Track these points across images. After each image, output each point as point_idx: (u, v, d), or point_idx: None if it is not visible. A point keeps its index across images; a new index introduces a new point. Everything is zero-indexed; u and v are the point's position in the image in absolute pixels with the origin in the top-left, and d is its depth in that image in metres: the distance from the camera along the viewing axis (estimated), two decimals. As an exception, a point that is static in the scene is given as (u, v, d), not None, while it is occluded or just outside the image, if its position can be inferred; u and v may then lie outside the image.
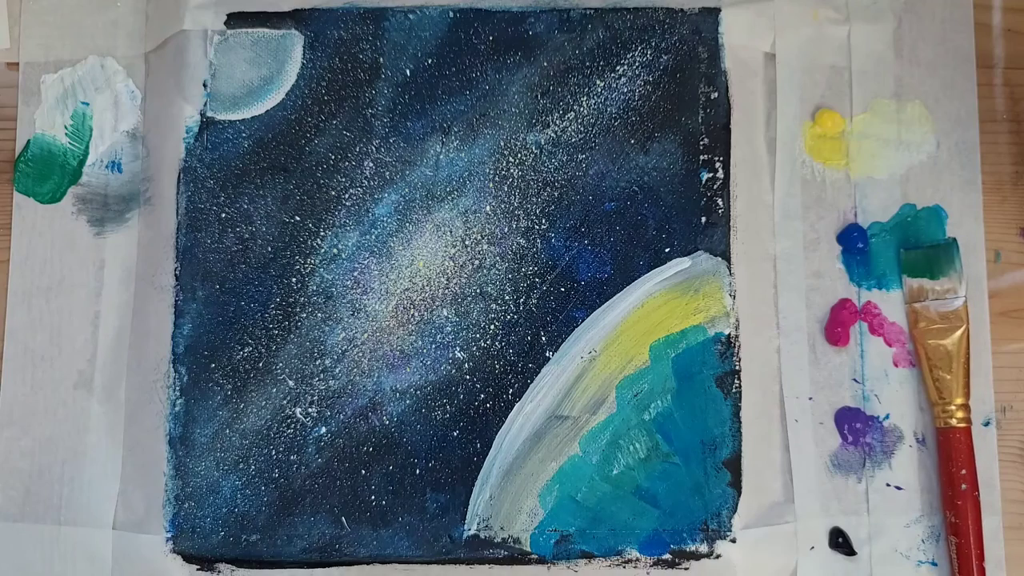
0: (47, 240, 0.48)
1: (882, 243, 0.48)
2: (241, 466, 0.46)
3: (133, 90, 0.49)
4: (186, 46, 0.48)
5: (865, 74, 0.49)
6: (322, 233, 0.47)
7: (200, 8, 0.48)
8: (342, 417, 0.46)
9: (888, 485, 0.47)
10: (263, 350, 0.46)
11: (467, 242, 0.47)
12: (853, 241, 0.48)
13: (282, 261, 0.47)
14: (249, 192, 0.47)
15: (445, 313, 0.47)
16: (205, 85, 0.48)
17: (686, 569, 0.45)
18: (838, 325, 0.47)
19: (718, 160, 0.47)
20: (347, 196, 0.47)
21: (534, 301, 0.47)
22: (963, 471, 0.45)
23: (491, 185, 0.47)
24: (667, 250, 0.47)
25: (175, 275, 0.47)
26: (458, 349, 0.47)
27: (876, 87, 0.49)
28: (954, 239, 0.47)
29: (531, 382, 0.46)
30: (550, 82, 0.48)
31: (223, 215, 0.47)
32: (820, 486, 0.46)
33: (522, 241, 0.47)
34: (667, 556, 0.45)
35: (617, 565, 0.46)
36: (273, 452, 0.46)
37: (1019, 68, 0.50)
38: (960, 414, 0.46)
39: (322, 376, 0.46)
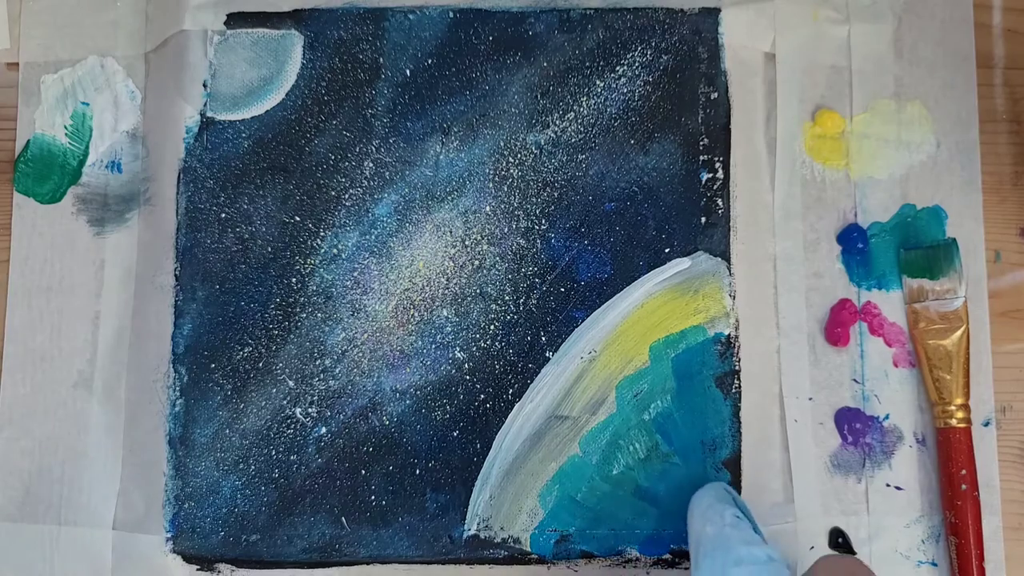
0: (47, 240, 0.48)
1: (882, 243, 0.48)
2: (241, 466, 0.46)
3: (133, 90, 0.49)
4: (186, 46, 0.48)
5: (865, 74, 0.49)
6: (322, 233, 0.47)
7: (200, 8, 0.48)
8: (342, 417, 0.46)
9: (888, 485, 0.47)
10: (263, 350, 0.47)
11: (467, 242, 0.47)
12: (853, 241, 0.48)
13: (282, 261, 0.47)
14: (249, 192, 0.47)
15: (445, 313, 0.47)
16: (205, 85, 0.48)
17: (686, 569, 0.45)
18: (838, 325, 0.47)
19: (718, 160, 0.47)
20: (347, 196, 0.47)
21: (534, 301, 0.47)
22: (963, 471, 0.45)
23: (491, 185, 0.47)
24: (667, 250, 0.47)
25: (175, 275, 0.47)
26: (458, 349, 0.47)
27: (876, 87, 0.49)
28: (954, 239, 0.47)
29: (531, 382, 0.46)
30: (550, 82, 0.48)
31: (223, 215, 0.47)
32: (820, 486, 0.46)
33: (522, 241, 0.47)
34: (667, 556, 0.45)
35: (617, 565, 0.46)
36: (273, 452, 0.46)
37: (1019, 68, 0.50)
38: (960, 414, 0.46)
39: (322, 376, 0.46)
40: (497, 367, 0.46)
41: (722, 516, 0.40)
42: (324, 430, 0.46)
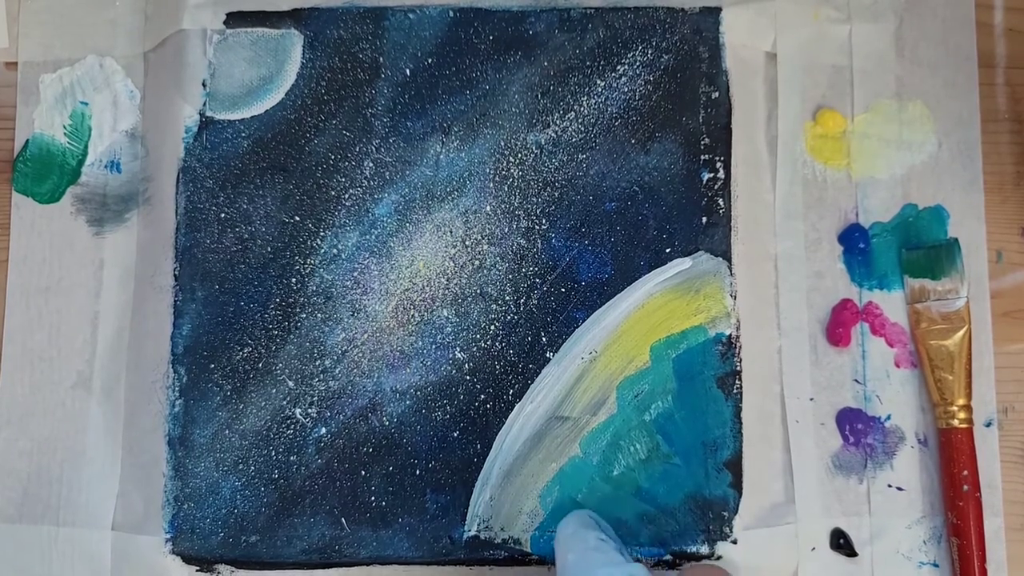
0: (46, 240, 0.48)
1: (883, 243, 0.48)
2: (241, 467, 0.46)
3: (132, 90, 0.49)
4: (185, 45, 0.48)
5: (866, 74, 0.49)
6: (322, 233, 0.47)
7: (199, 7, 0.48)
8: (342, 418, 0.46)
9: (889, 486, 0.46)
10: (263, 350, 0.46)
11: (467, 242, 0.47)
12: (854, 241, 0.48)
13: (282, 261, 0.47)
14: (248, 192, 0.47)
15: (445, 314, 0.47)
16: (204, 85, 0.48)
17: (687, 570, 0.45)
18: (839, 325, 0.47)
19: (719, 160, 0.47)
20: (347, 196, 0.47)
21: (534, 302, 0.47)
22: (965, 472, 0.45)
23: (491, 185, 0.47)
24: (668, 250, 0.47)
25: (174, 275, 0.47)
26: (458, 350, 0.46)
27: (877, 87, 0.49)
28: (956, 239, 0.47)
29: (531, 383, 0.46)
30: (550, 82, 0.48)
31: (222, 215, 0.47)
32: (821, 487, 0.46)
33: (522, 241, 0.47)
34: (668, 557, 0.45)
35: (618, 566, 0.45)
36: (273, 453, 0.46)
37: (1021, 68, 0.49)
38: (962, 415, 0.45)
39: (322, 377, 0.46)
40: (497, 367, 0.46)
41: (584, 541, 0.39)
42: (324, 431, 0.46)
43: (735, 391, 0.46)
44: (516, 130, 0.48)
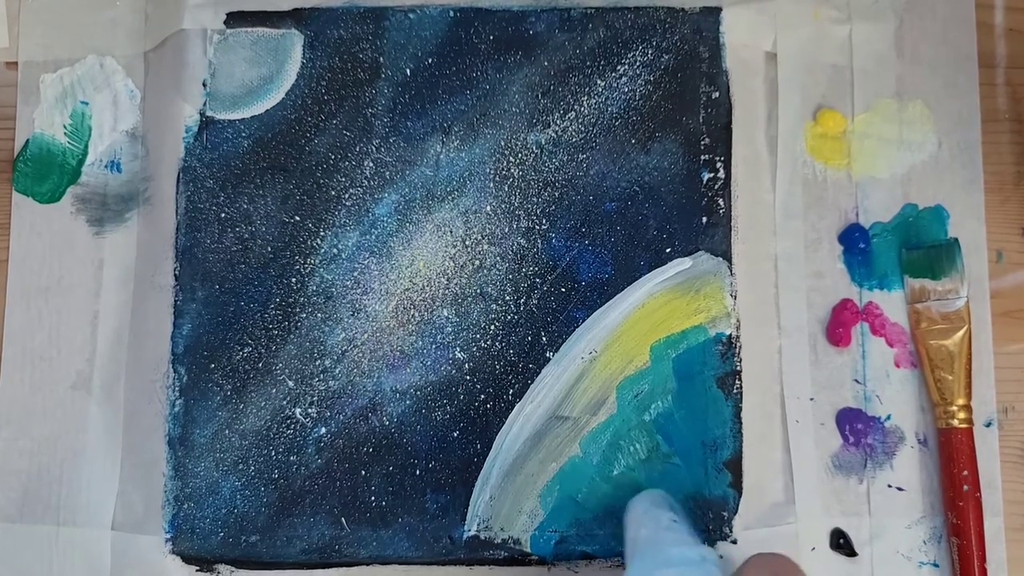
0: (46, 240, 0.48)
1: (884, 243, 0.48)
2: (241, 467, 0.46)
3: (132, 89, 0.49)
4: (185, 45, 0.48)
5: (866, 73, 0.49)
6: (322, 233, 0.47)
7: (199, 7, 0.48)
8: (342, 418, 0.46)
9: (889, 486, 0.46)
10: (263, 350, 0.46)
11: (467, 242, 0.47)
12: (855, 241, 0.48)
13: (282, 261, 0.47)
14: (249, 192, 0.47)
15: (445, 313, 0.47)
16: (204, 84, 0.48)
17: (687, 570, 0.45)
18: (839, 325, 0.47)
19: (719, 160, 0.47)
20: (347, 196, 0.47)
21: (534, 301, 0.47)
22: (965, 472, 0.45)
23: (491, 185, 0.47)
24: (668, 250, 0.47)
25: (174, 275, 0.47)
26: (458, 349, 0.46)
27: (877, 87, 0.49)
28: (956, 239, 0.47)
29: (531, 383, 0.46)
30: (551, 82, 0.48)
31: (223, 215, 0.47)
32: (821, 487, 0.46)
33: (522, 241, 0.47)
34: (668, 557, 0.45)
35: (618, 566, 0.45)
36: (273, 453, 0.46)
37: (1021, 68, 0.49)
38: (962, 415, 0.45)
39: (322, 376, 0.46)
40: (497, 367, 0.46)
41: (657, 520, 0.39)
42: (324, 430, 0.46)
43: (735, 391, 0.46)
44: (516, 130, 0.48)
